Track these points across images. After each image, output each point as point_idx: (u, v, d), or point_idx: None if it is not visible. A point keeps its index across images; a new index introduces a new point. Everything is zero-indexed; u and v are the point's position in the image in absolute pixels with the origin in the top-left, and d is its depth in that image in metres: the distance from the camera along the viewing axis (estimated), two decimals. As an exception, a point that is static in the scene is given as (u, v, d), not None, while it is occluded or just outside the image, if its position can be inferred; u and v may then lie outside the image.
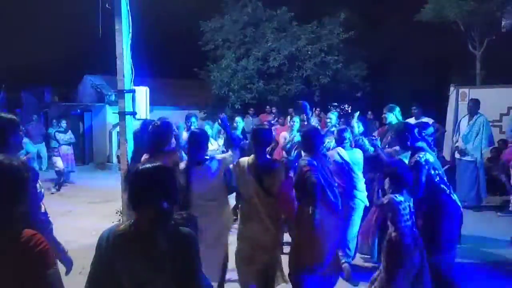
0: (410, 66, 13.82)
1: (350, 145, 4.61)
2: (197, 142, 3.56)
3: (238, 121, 7.00)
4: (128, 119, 5.22)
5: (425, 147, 3.63)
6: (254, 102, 13.66)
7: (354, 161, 4.46)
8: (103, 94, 13.66)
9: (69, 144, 9.65)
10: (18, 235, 1.61)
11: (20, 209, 1.67)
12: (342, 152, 4.44)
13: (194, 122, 5.88)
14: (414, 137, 3.63)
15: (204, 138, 3.63)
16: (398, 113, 5.24)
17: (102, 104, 13.63)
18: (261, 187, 3.37)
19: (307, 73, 13.52)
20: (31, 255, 1.58)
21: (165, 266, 1.74)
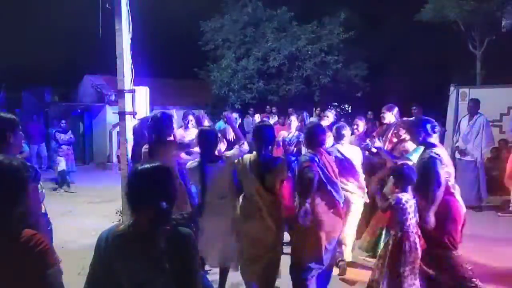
0: (410, 66, 13.79)
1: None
2: (208, 141, 3.58)
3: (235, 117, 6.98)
4: (128, 119, 5.21)
5: (438, 144, 3.64)
6: (254, 102, 13.67)
7: (352, 157, 4.47)
8: (103, 94, 13.67)
9: (69, 144, 9.64)
10: (18, 235, 1.61)
11: (20, 209, 1.68)
12: (341, 148, 4.46)
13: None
14: (427, 132, 3.63)
15: (214, 136, 3.65)
16: (396, 113, 5.24)
17: (102, 104, 13.64)
18: (262, 185, 3.37)
19: (307, 73, 13.52)
20: (31, 255, 1.59)
21: (164, 266, 1.73)
